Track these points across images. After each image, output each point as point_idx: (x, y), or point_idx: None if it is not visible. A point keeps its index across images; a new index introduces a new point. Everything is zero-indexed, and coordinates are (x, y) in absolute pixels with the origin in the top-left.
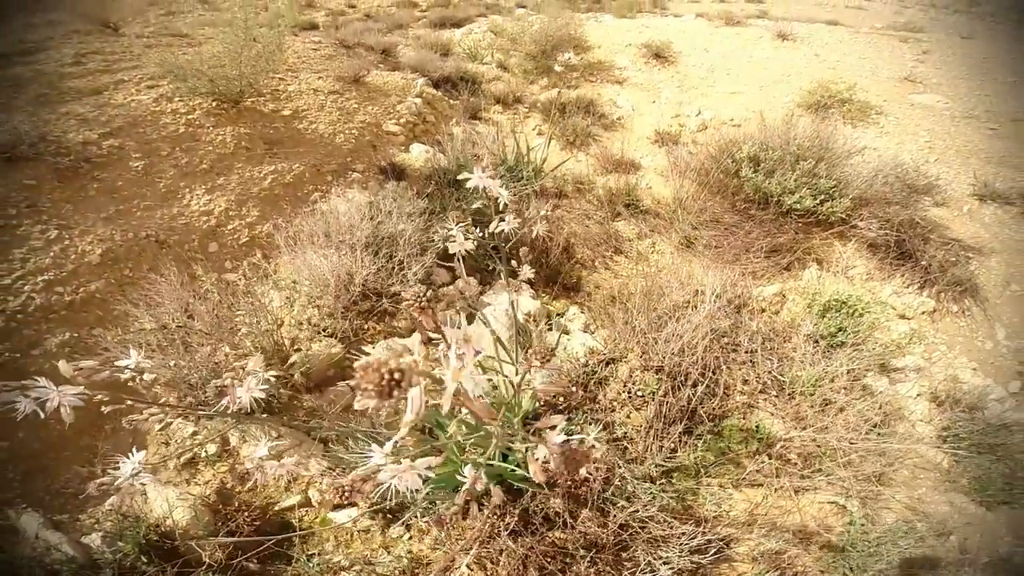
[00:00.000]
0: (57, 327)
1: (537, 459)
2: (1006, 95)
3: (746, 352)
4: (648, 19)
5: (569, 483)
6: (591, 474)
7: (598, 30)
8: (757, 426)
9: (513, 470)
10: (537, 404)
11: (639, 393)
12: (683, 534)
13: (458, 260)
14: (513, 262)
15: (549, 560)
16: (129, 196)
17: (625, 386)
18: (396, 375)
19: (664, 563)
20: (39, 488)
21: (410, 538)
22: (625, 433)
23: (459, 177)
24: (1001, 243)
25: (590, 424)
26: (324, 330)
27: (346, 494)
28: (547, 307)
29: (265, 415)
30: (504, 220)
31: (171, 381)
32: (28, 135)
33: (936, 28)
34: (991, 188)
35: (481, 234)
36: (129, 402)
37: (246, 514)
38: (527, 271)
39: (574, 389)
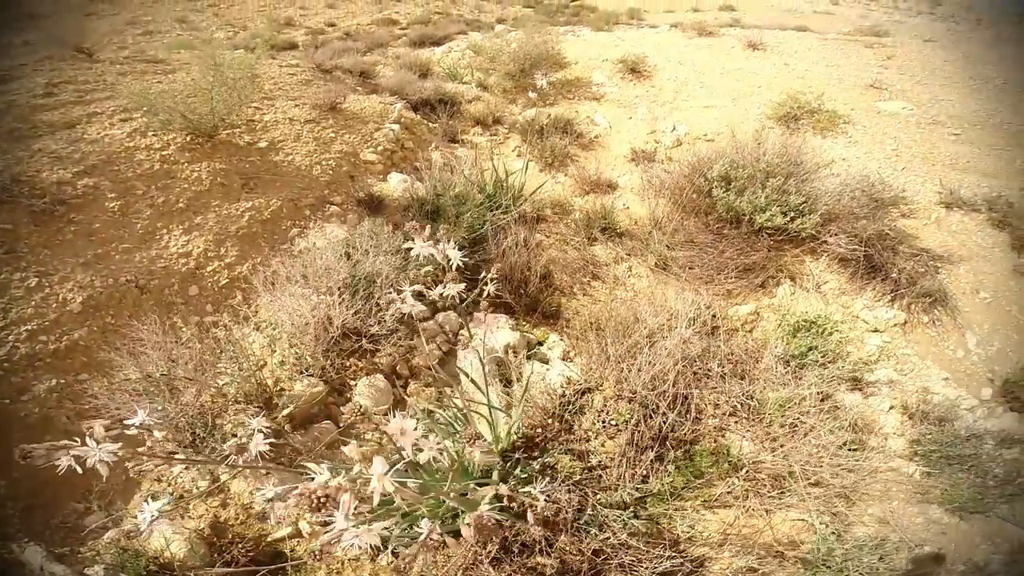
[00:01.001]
0: (44, 374)
1: (467, 523)
2: (967, 99)
3: (718, 376)
4: (624, 31)
5: (544, 512)
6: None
7: (575, 45)
8: (727, 449)
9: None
10: (516, 438)
11: (613, 422)
12: (655, 557)
13: (410, 313)
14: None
15: None
16: (107, 239)
17: (600, 415)
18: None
19: None
20: (39, 523)
21: None
22: (600, 461)
23: (404, 246)
24: (969, 251)
25: (565, 455)
26: (307, 369)
27: (319, 503)
28: (527, 336)
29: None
30: (449, 285)
31: (159, 426)
32: (2, 176)
33: (900, 31)
34: (957, 196)
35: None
36: (145, 458)
37: (240, 546)
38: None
39: (550, 421)
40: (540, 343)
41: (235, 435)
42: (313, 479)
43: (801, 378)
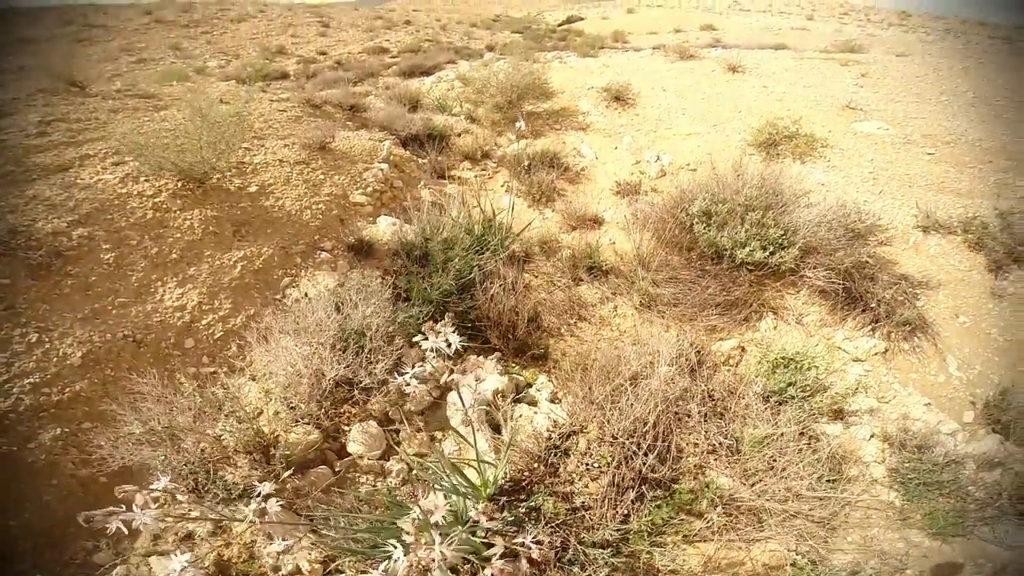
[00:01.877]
0: (48, 423)
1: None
2: (939, 116)
3: (698, 417)
4: (609, 56)
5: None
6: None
7: (562, 72)
8: (707, 485)
9: (483, 542)
10: (503, 482)
11: (596, 464)
12: None
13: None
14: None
15: None
16: (103, 293)
17: (584, 457)
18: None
19: None
20: (50, 560)
21: None
22: (583, 502)
23: (414, 339)
24: (947, 274)
25: (550, 496)
26: (302, 418)
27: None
28: (516, 378)
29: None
30: (453, 372)
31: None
32: None
33: (873, 45)
34: (933, 218)
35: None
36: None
37: None
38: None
39: (536, 465)
40: (529, 384)
41: (236, 484)
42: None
43: (780, 414)
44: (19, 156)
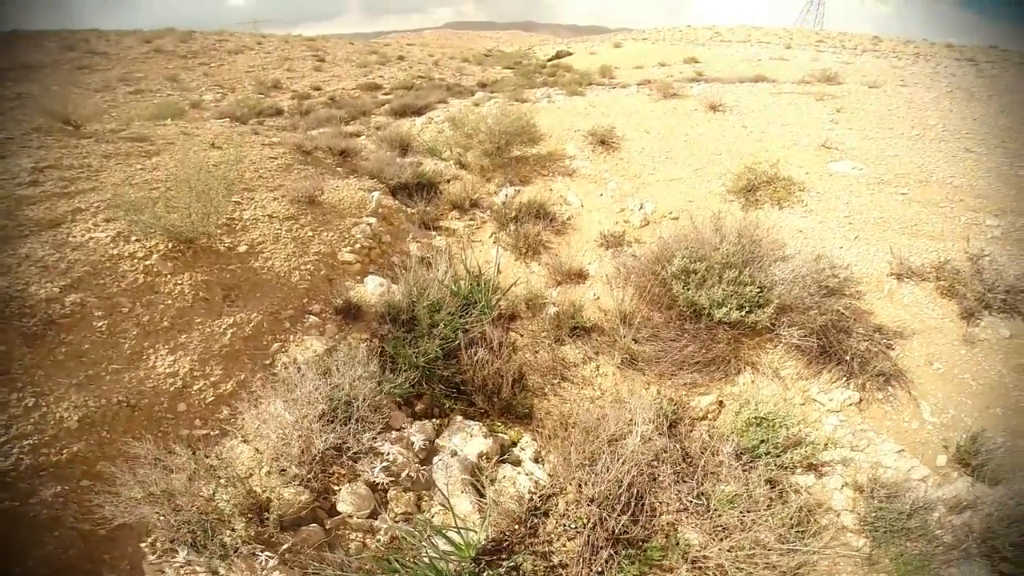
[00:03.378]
0: (48, 481)
1: None
2: (911, 152)
3: (672, 474)
4: (596, 94)
5: None
6: None
7: (550, 114)
8: (678, 541)
9: None
10: (485, 542)
11: (573, 525)
12: None
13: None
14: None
15: None
16: (97, 359)
17: (562, 519)
18: None
19: None
20: None
21: None
22: (561, 560)
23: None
24: (921, 322)
25: (530, 556)
26: (292, 479)
27: None
28: (501, 438)
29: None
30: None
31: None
32: None
33: (847, 74)
34: (907, 265)
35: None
36: None
37: None
38: None
39: (517, 527)
40: (514, 443)
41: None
42: None
43: (751, 472)
44: (11, 208)
